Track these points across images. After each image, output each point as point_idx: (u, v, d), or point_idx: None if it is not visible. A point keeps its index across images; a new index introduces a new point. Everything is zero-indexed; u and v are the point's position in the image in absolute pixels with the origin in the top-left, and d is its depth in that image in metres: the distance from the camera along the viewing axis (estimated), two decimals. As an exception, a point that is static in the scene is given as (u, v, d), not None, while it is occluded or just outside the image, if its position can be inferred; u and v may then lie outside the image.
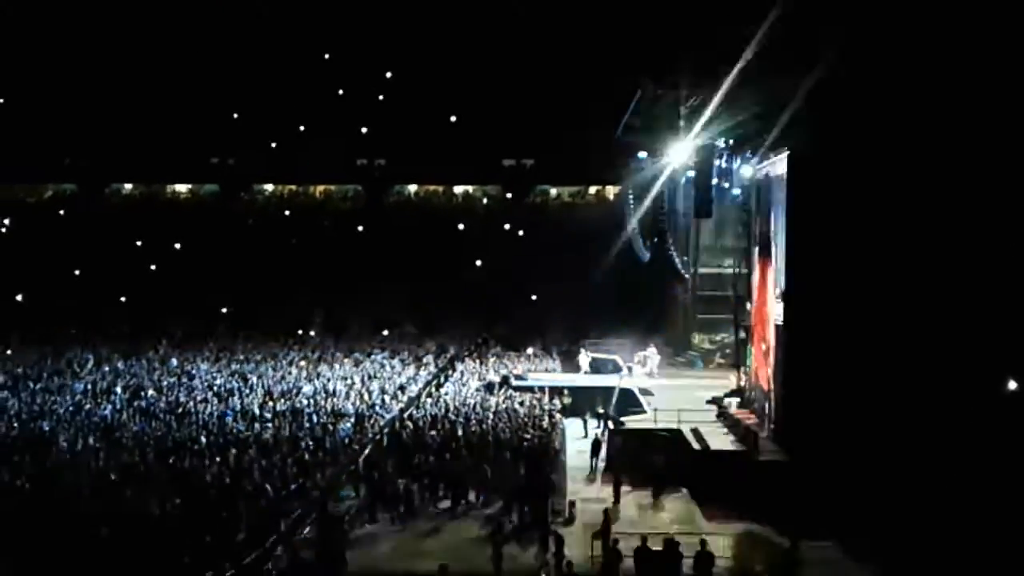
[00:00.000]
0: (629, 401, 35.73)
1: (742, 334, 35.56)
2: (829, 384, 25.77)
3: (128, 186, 62.69)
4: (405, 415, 32.60)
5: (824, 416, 25.57)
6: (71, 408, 32.90)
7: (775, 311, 29.61)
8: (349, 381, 37.69)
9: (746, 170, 33.24)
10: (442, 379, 39.29)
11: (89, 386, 36.42)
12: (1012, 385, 25.17)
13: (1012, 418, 24.43)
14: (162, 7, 55.77)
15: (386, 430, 30.69)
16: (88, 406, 33.20)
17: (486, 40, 55.32)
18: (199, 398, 34.42)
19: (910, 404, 24.77)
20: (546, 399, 35.07)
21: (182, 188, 63.04)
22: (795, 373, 27.47)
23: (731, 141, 33.94)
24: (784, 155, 28.11)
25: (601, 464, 29.79)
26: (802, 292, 27.30)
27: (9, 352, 43.71)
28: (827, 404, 25.63)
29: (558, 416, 33.51)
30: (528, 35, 54.16)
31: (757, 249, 32.87)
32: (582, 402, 35.49)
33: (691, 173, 36.34)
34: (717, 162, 34.13)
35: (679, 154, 36.02)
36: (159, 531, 21.45)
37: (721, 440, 29.99)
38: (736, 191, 34.94)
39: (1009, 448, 23.77)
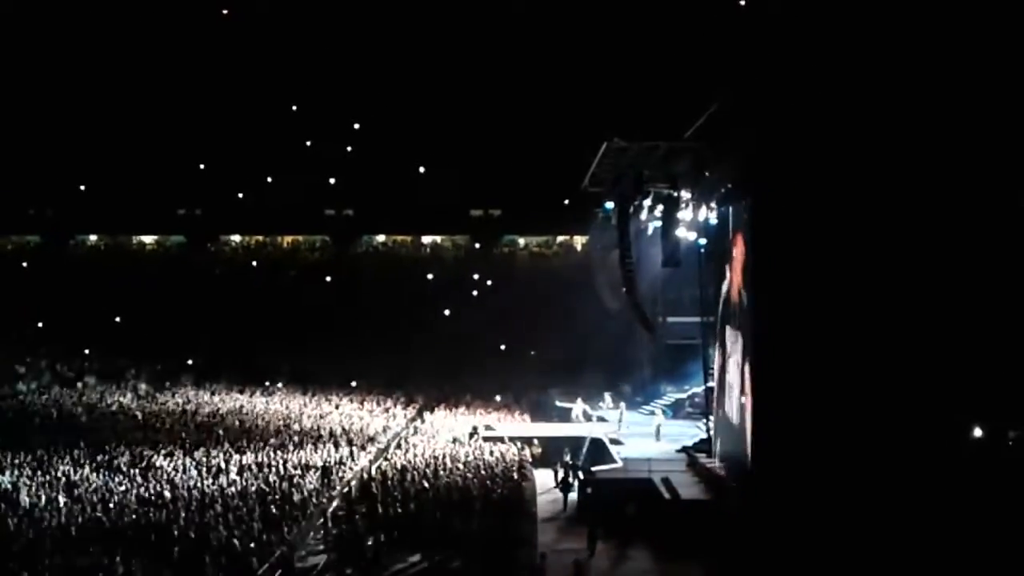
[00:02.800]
0: (599, 451, 35.68)
1: (711, 383, 35.66)
2: (799, 433, 25.79)
3: (93, 237, 62.26)
4: (374, 467, 32.34)
5: (795, 465, 25.59)
6: (33, 462, 32.34)
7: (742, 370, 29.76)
8: (316, 433, 37.36)
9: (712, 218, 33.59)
10: (411, 430, 39.05)
11: (52, 439, 35.82)
12: (977, 432, 25.40)
13: (978, 465, 24.62)
14: (127, 58, 55.81)
15: (354, 482, 30.41)
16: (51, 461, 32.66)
17: (453, 90, 55.77)
18: (164, 451, 33.97)
19: (879, 455, 24.84)
20: (515, 449, 34.92)
21: (148, 239, 62.68)
22: (765, 422, 27.49)
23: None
24: (746, 203, 28.47)
25: (573, 503, 29.85)
26: (769, 344, 27.40)
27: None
28: (798, 453, 25.67)
29: (528, 466, 33.37)
30: (495, 86, 54.66)
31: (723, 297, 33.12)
32: (553, 452, 35.38)
33: (657, 223, 36.68)
34: (682, 212, 34.42)
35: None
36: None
37: (692, 490, 29.97)
38: (703, 240, 35.19)
39: (976, 495, 23.92)
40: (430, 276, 55.83)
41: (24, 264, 58.41)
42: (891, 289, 25.38)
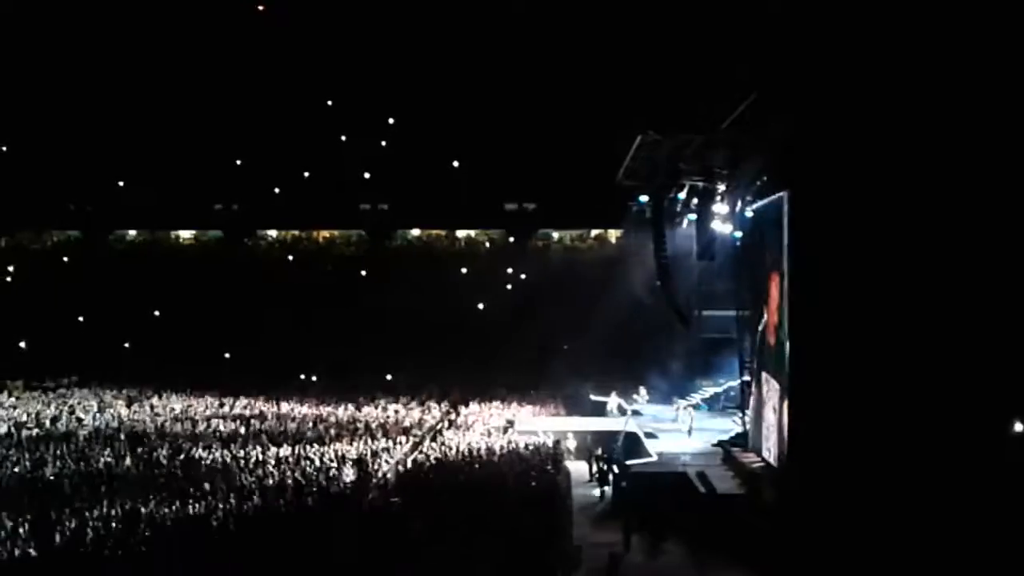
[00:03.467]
0: (633, 445, 35.63)
1: (746, 377, 35.49)
2: (837, 427, 25.58)
3: (132, 232, 62.95)
4: (409, 459, 32.49)
5: (833, 460, 25.39)
6: (74, 455, 32.80)
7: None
8: (352, 425, 37.62)
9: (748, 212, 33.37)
10: (446, 423, 39.20)
11: (92, 432, 36.37)
12: (1019, 427, 25.06)
13: (1020, 460, 24.31)
14: (164, 55, 56.31)
15: (390, 475, 30.57)
16: (92, 453, 33.11)
17: (488, 85, 55.76)
18: (203, 444, 34.34)
19: (918, 449, 24.59)
20: (550, 442, 34.97)
21: (186, 234, 63.29)
22: (802, 418, 27.25)
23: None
24: (783, 194, 28.24)
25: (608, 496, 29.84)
26: (807, 333, 27.15)
27: (13, 399, 43.72)
28: (836, 448, 25.45)
29: (563, 459, 33.40)
30: (530, 80, 54.60)
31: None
32: (587, 446, 35.41)
33: (692, 216, 36.54)
34: (718, 205, 34.26)
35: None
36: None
37: (727, 484, 29.85)
38: (738, 233, 34.98)
39: (1018, 490, 23.63)
40: (465, 270, 55.93)
41: (65, 259, 59.19)
42: (932, 281, 25.10)
